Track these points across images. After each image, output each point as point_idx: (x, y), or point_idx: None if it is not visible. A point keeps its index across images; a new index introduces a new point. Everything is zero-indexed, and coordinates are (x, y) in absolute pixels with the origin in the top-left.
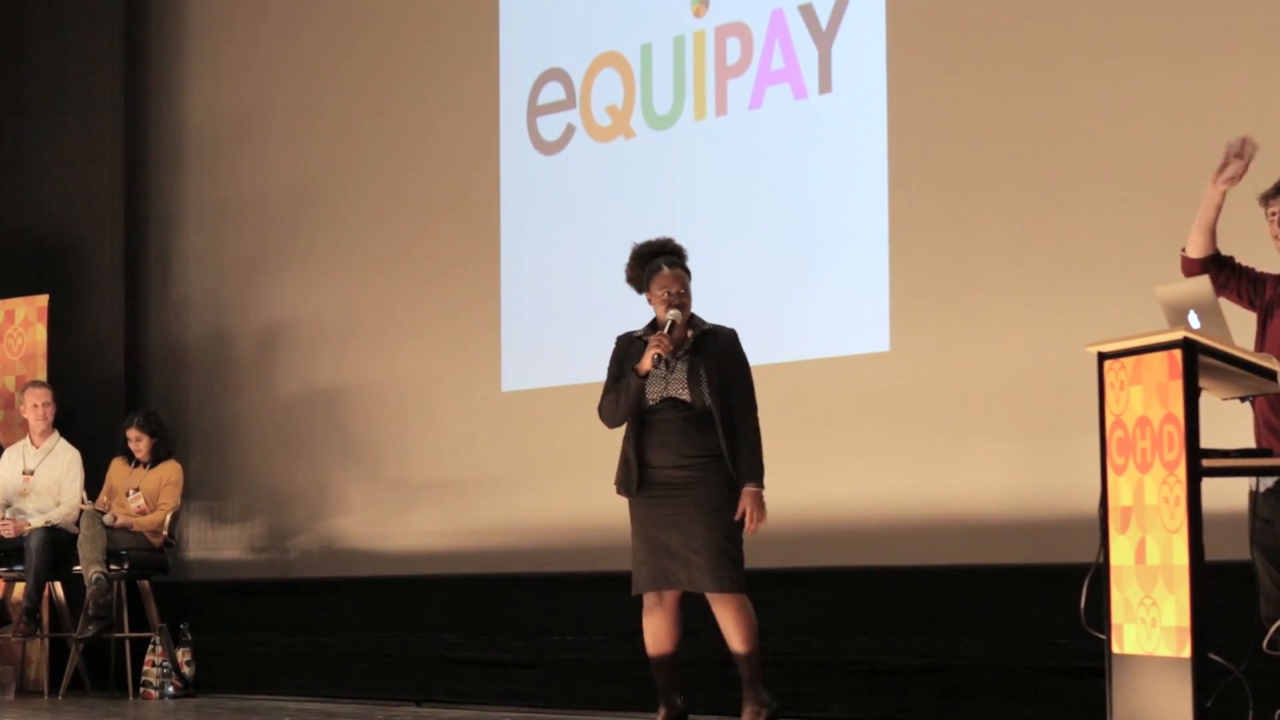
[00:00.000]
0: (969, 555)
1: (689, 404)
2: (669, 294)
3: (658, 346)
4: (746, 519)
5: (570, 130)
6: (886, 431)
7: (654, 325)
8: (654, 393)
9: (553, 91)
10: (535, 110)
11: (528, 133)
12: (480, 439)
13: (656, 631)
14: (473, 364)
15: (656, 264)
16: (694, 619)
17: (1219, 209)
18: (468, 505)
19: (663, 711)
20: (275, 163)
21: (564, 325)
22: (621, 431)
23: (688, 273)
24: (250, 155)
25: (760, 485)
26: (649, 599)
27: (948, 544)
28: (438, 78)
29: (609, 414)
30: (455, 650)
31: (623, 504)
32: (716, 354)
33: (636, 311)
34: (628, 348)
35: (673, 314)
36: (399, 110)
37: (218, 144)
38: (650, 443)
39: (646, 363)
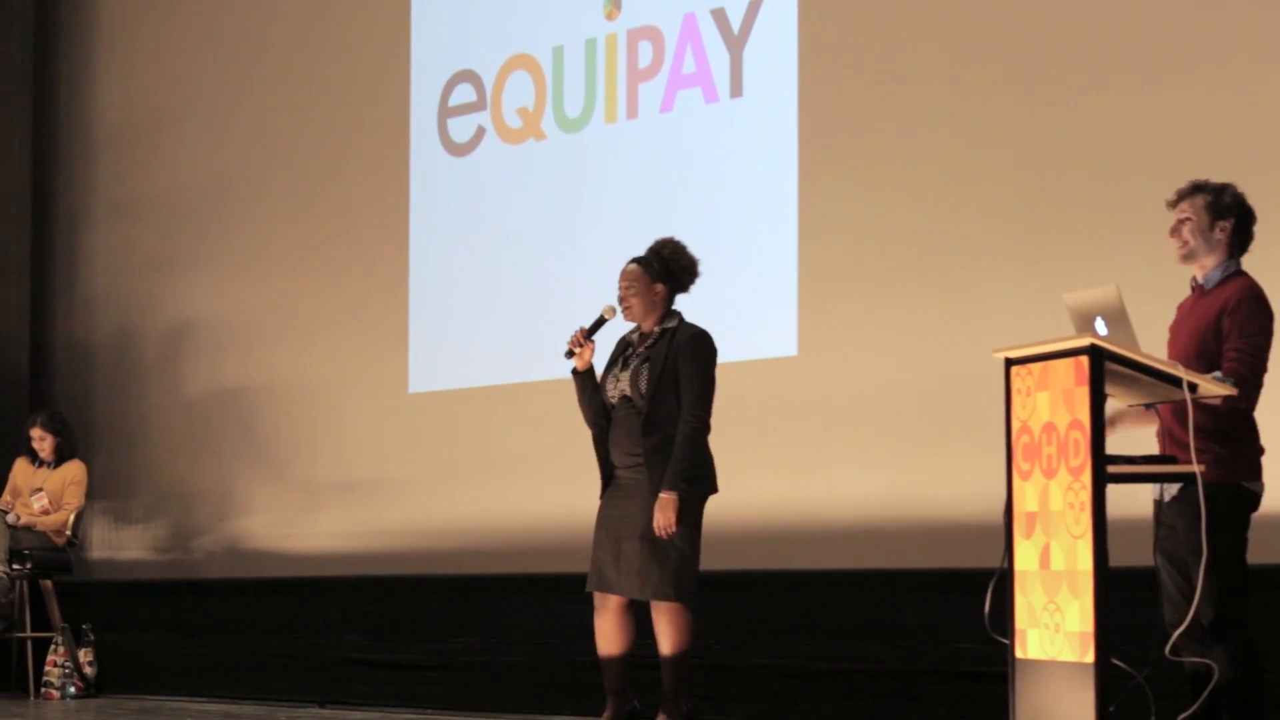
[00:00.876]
0: (875, 559)
1: (634, 402)
2: (619, 289)
3: (569, 340)
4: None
5: (481, 132)
6: (793, 436)
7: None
8: (613, 392)
9: (464, 93)
10: (446, 112)
11: (438, 134)
12: (387, 440)
13: (602, 632)
14: (380, 365)
15: None
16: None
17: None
18: (373, 507)
19: (607, 712)
20: (184, 161)
21: (472, 327)
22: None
23: (651, 271)
24: (160, 154)
25: (674, 490)
26: (596, 599)
27: (853, 548)
28: (348, 78)
29: (583, 415)
30: (359, 652)
31: (530, 506)
32: (668, 353)
33: (546, 315)
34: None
35: (604, 309)
36: (309, 110)
37: (127, 142)
38: (611, 442)
39: (577, 361)
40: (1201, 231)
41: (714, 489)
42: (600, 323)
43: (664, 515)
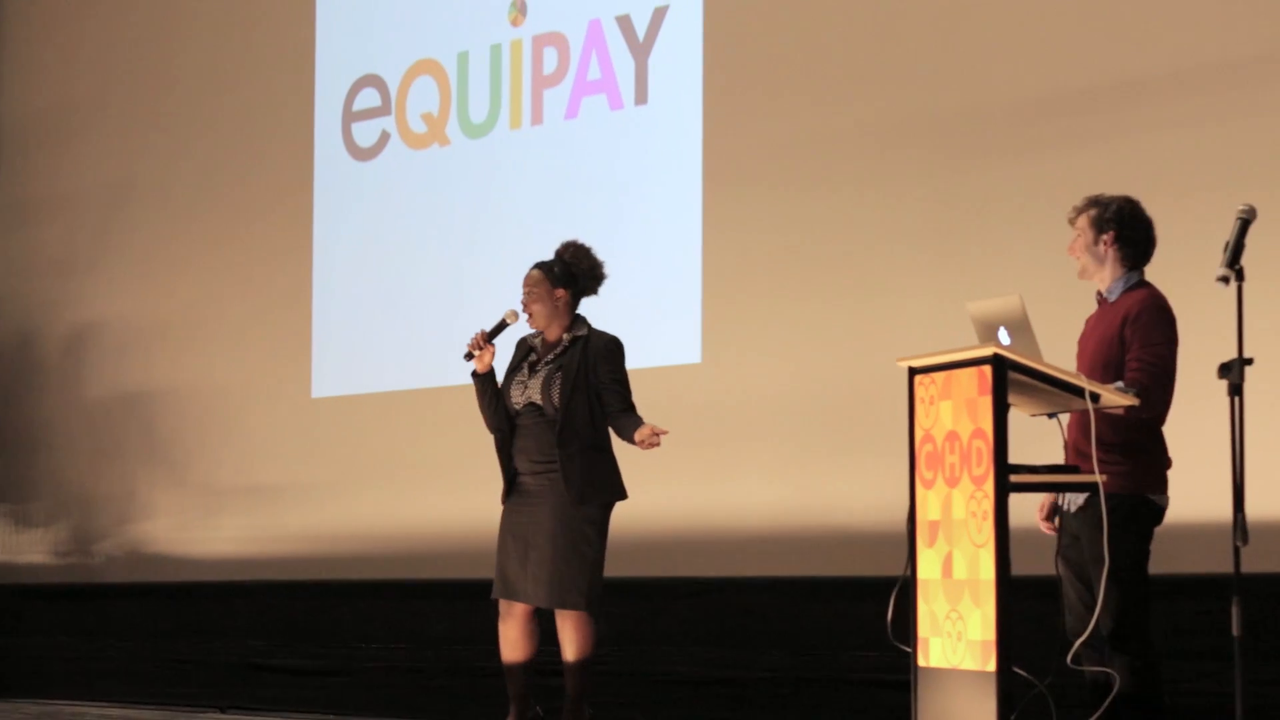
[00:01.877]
0: (778, 567)
1: (544, 410)
2: (522, 294)
3: (469, 343)
4: None
5: (385, 137)
6: (697, 443)
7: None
8: (518, 398)
9: (368, 98)
10: (350, 116)
11: (342, 139)
12: (290, 445)
13: (506, 639)
14: (283, 369)
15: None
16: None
17: None
18: (276, 511)
19: (510, 718)
20: (88, 163)
21: (375, 332)
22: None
23: (553, 276)
24: (61, 154)
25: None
26: (501, 606)
27: (757, 555)
28: (254, 82)
29: (484, 419)
30: (261, 657)
31: (433, 512)
32: (582, 361)
33: (449, 320)
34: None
35: (507, 313)
36: (213, 112)
37: (28, 142)
38: (516, 448)
39: (476, 364)
40: (1088, 247)
41: (622, 495)
42: (502, 326)
43: (650, 434)
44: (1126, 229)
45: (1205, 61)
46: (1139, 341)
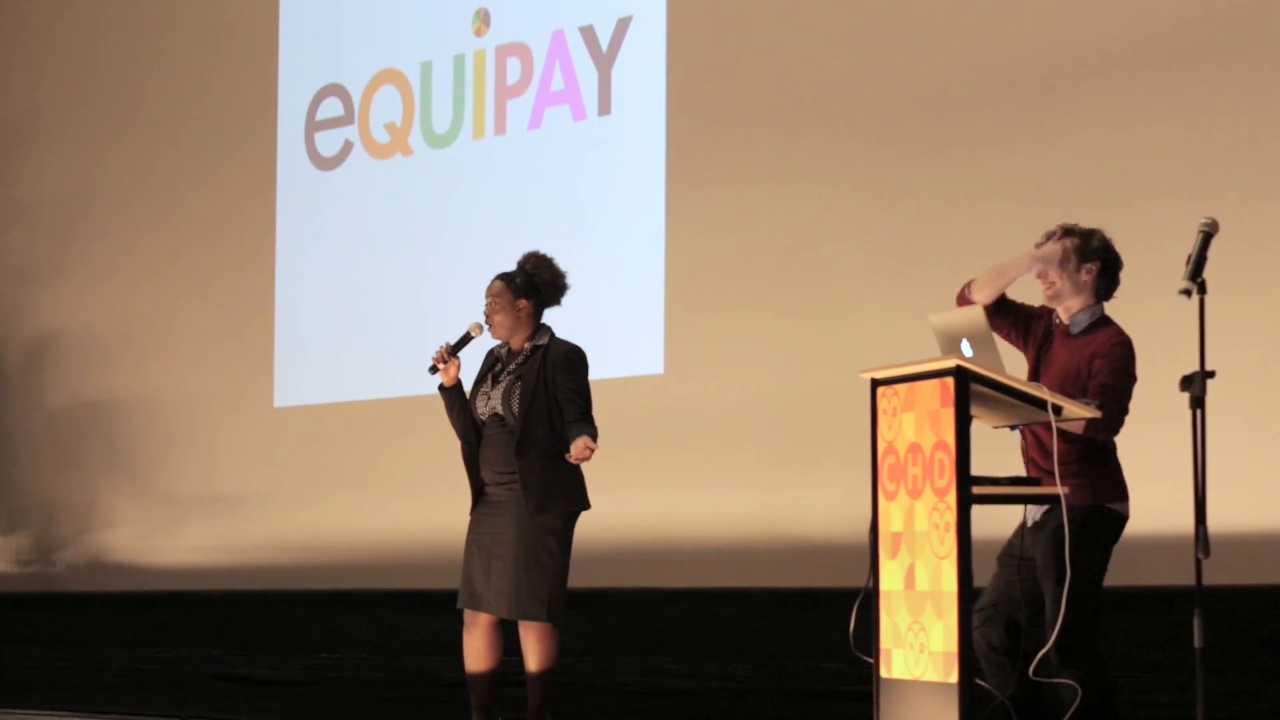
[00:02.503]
0: (741, 578)
1: (506, 420)
2: (485, 305)
3: (433, 356)
4: None
5: (348, 146)
6: (660, 454)
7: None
8: (483, 409)
9: (331, 107)
10: (313, 126)
11: (305, 148)
12: (252, 454)
13: (470, 649)
14: (246, 379)
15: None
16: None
17: (1019, 276)
18: (238, 521)
19: None
20: (48, 169)
21: (338, 342)
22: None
23: (515, 286)
24: (23, 162)
25: (585, 433)
26: (466, 616)
27: (719, 566)
28: (216, 90)
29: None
30: (223, 667)
31: (396, 522)
32: (541, 370)
33: (412, 330)
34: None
35: (471, 325)
36: (176, 121)
37: None
38: (482, 459)
39: (442, 377)
40: (1069, 274)
41: (585, 505)
42: (466, 339)
43: (582, 448)
44: (1108, 262)
45: (1169, 61)
46: (1107, 370)
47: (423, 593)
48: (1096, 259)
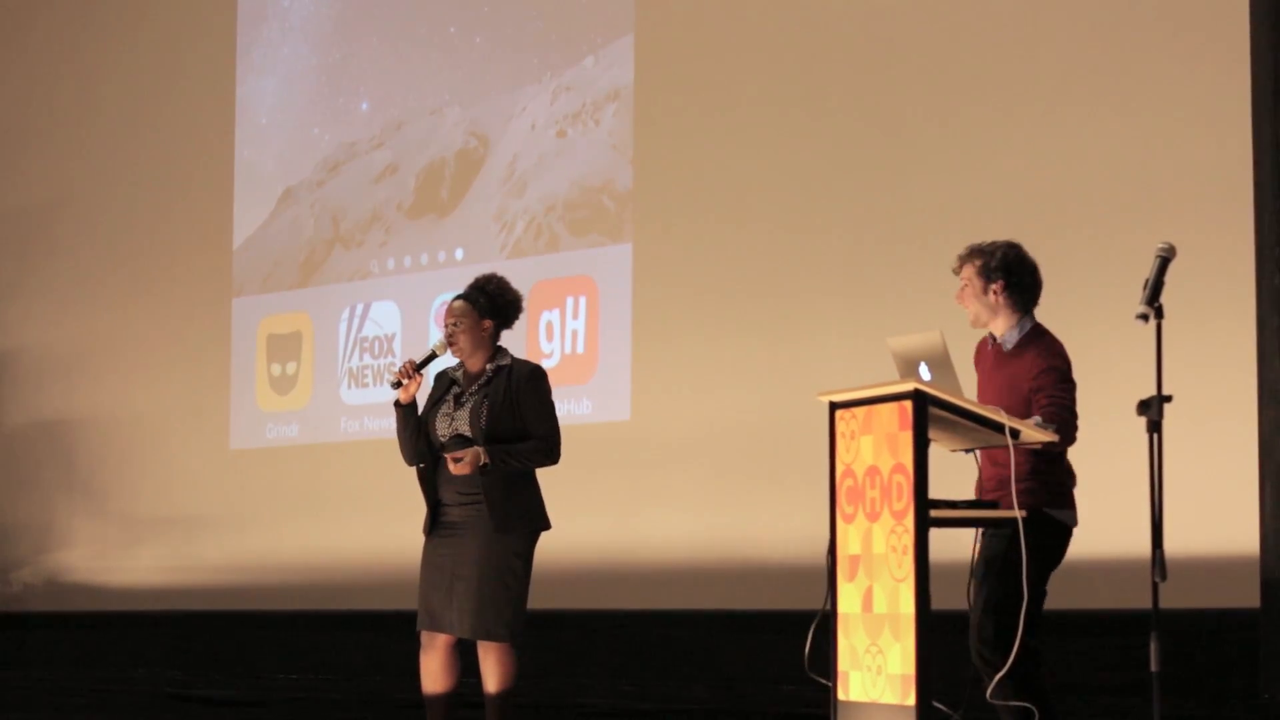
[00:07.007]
0: (698, 600)
1: (473, 441)
2: (445, 326)
3: (398, 371)
4: None
5: None
6: (619, 476)
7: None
8: (444, 430)
9: None
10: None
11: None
12: (209, 476)
13: (428, 670)
14: (202, 400)
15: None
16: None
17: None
18: (195, 542)
19: None
20: (5, 188)
21: None
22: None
23: (479, 307)
24: None
25: (491, 456)
26: (424, 638)
27: (677, 588)
28: (177, 108)
29: (402, 450)
30: (179, 687)
31: (353, 543)
32: (505, 391)
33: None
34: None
35: (435, 344)
36: (136, 140)
37: None
38: (442, 479)
39: (401, 394)
40: (977, 296)
41: (546, 525)
42: (432, 357)
43: (466, 462)
44: (1014, 276)
45: (1126, 86)
46: (1049, 386)
47: (380, 614)
48: (999, 277)
